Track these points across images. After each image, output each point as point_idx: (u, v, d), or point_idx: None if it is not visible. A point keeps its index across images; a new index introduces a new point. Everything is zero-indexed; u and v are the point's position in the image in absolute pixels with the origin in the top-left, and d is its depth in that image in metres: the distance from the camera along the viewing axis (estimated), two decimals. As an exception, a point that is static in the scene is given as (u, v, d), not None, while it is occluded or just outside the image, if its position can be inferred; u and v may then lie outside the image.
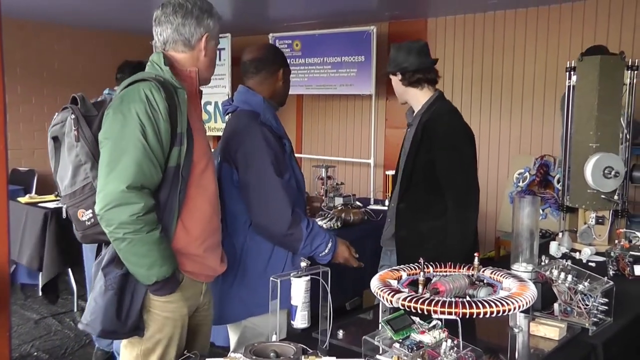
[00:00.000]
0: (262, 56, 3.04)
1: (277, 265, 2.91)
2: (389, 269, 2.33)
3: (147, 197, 2.20)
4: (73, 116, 2.33)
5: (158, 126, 2.21)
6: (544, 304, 2.46)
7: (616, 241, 3.23)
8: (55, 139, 2.42)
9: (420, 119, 3.29)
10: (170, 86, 2.30)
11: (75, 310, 5.96)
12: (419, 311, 1.92)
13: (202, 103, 7.26)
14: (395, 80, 3.38)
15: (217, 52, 2.61)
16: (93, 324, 2.30)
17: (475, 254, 2.30)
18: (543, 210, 6.16)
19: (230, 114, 3.07)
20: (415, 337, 1.89)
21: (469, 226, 3.19)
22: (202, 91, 2.61)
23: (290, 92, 3.19)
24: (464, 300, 1.93)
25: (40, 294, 5.93)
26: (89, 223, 2.35)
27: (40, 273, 5.57)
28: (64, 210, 2.46)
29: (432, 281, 2.15)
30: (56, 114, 2.43)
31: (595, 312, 2.38)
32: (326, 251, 2.92)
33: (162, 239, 2.24)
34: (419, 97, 3.36)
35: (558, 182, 6.10)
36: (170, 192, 2.28)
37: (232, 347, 3.08)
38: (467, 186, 3.22)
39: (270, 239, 2.89)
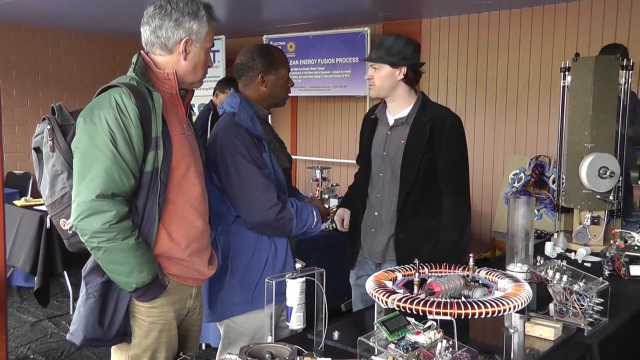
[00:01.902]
0: (242, 62, 3.04)
1: (259, 264, 2.92)
2: (384, 270, 2.32)
3: (120, 204, 2.18)
4: (49, 126, 2.33)
5: (129, 132, 2.18)
6: (540, 304, 2.46)
7: (612, 241, 3.23)
8: (37, 149, 2.42)
9: (417, 118, 3.21)
10: (145, 89, 2.26)
11: (71, 312, 5.94)
12: (414, 312, 1.92)
13: (197, 105, 7.29)
14: (390, 73, 3.20)
15: (209, 54, 2.51)
16: (76, 332, 2.31)
17: (471, 255, 2.30)
18: (538, 210, 6.17)
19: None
20: (411, 337, 1.88)
21: (468, 222, 3.21)
22: (193, 91, 2.56)
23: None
24: (459, 301, 1.93)
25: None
26: (71, 232, 2.34)
27: (36, 278, 5.55)
28: (47, 219, 2.46)
29: (427, 282, 2.16)
30: (38, 124, 2.42)
31: (591, 312, 2.38)
32: (315, 219, 2.96)
33: (138, 245, 2.21)
34: (406, 96, 3.26)
35: (553, 182, 6.11)
36: (149, 197, 2.26)
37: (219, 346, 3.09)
38: (465, 184, 3.25)
39: (264, 229, 2.91)
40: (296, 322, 2.20)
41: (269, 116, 3.24)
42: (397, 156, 3.24)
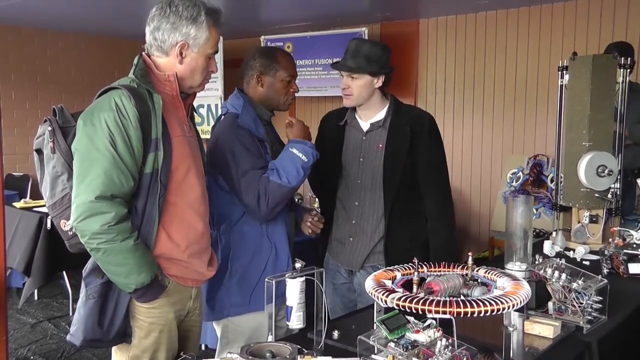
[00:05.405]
0: (245, 60, 3.06)
1: (258, 266, 2.93)
2: (383, 270, 2.32)
3: (119, 206, 2.19)
4: (50, 128, 2.34)
5: (128, 134, 2.19)
6: (538, 302, 2.46)
7: (610, 239, 3.23)
8: (39, 151, 2.43)
9: (394, 121, 3.18)
10: (145, 91, 2.26)
11: (70, 314, 5.96)
12: (414, 311, 1.92)
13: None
14: (369, 82, 3.13)
15: (213, 60, 2.47)
16: (76, 334, 2.32)
17: (469, 254, 2.30)
18: (536, 209, 6.18)
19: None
20: (410, 336, 1.89)
21: (454, 221, 3.25)
22: (195, 93, 2.54)
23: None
24: (458, 299, 1.94)
25: (35, 297, 5.97)
26: (71, 233, 2.35)
27: (29, 279, 5.53)
28: (48, 220, 2.46)
29: (427, 281, 2.16)
30: (39, 126, 2.43)
31: (590, 310, 2.39)
32: (302, 156, 2.86)
33: (137, 246, 2.22)
34: (380, 101, 3.22)
35: (551, 181, 6.11)
36: (149, 199, 2.26)
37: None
38: (448, 183, 3.28)
39: (263, 202, 2.83)
40: (296, 321, 2.21)
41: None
42: (376, 161, 3.20)
